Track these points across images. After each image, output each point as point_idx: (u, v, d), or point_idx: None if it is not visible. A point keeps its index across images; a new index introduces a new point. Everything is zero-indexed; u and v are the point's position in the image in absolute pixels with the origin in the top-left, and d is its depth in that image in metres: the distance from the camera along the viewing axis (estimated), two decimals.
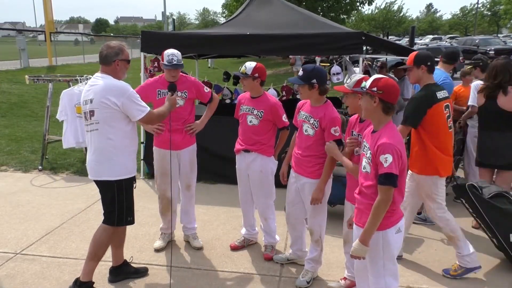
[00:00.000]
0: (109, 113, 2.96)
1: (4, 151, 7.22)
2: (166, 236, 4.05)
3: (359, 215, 2.54)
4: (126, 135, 3.07)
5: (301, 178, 3.34)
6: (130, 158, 3.14)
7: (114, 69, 3.05)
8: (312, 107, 3.27)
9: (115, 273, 3.44)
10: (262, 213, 3.84)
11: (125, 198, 3.12)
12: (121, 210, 3.12)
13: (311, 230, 3.42)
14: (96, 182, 3.16)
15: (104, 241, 3.19)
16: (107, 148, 3.02)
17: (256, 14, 6.61)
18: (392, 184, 2.30)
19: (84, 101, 3.07)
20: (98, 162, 3.07)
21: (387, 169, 2.28)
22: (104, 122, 2.99)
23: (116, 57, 3.03)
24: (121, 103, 2.95)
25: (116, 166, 3.06)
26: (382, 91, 2.36)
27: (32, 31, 60.27)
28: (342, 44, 5.20)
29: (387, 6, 55.47)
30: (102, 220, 3.21)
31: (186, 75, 3.91)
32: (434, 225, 4.54)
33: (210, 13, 79.64)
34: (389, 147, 2.30)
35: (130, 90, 3.00)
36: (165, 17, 27.77)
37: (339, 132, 3.15)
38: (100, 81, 3.01)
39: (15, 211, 4.87)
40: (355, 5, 26.65)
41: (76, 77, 6.63)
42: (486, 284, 3.48)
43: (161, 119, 3.28)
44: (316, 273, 3.53)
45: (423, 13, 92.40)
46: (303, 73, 3.18)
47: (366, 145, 2.50)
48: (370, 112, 2.44)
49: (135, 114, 3.02)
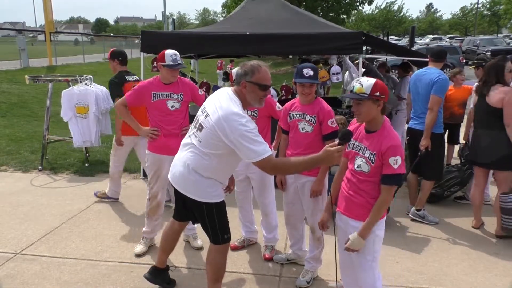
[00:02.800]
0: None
1: (4, 151, 7.22)
2: (148, 240, 4.00)
3: (351, 208, 2.61)
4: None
5: (302, 177, 3.33)
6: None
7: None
8: (304, 105, 3.29)
9: (155, 274, 3.35)
10: (264, 209, 3.84)
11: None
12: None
13: (313, 227, 3.41)
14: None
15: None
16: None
17: (255, 13, 6.61)
18: (398, 183, 2.46)
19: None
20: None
21: (397, 170, 2.41)
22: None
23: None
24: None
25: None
26: (384, 95, 2.44)
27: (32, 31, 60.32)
28: (342, 44, 5.21)
29: (387, 6, 55.52)
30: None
31: (180, 77, 3.88)
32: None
33: (210, 13, 79.75)
34: (398, 149, 2.42)
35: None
36: (165, 17, 27.74)
37: (335, 124, 3.23)
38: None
39: (15, 211, 4.87)
40: (355, 5, 26.66)
41: (76, 77, 6.63)
42: (486, 284, 3.48)
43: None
44: (316, 273, 3.53)
45: (423, 13, 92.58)
46: (314, 73, 3.19)
47: (360, 145, 2.55)
48: (372, 116, 2.48)
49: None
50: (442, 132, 4.65)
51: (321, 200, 3.32)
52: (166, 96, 3.69)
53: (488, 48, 22.96)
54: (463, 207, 5.09)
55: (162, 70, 3.67)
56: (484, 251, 3.99)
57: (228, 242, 3.00)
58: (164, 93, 3.69)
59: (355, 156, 2.58)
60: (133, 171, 6.33)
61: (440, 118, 4.49)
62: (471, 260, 3.84)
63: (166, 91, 3.70)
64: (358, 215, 2.56)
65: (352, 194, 2.59)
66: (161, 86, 3.70)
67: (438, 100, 4.33)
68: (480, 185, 4.44)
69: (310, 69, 3.20)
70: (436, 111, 4.35)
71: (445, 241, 4.20)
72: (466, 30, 65.75)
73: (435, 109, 4.34)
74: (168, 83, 3.72)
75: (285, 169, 2.76)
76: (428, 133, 4.38)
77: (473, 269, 3.69)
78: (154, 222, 3.96)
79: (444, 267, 3.70)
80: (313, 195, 3.28)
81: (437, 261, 3.82)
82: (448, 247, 4.08)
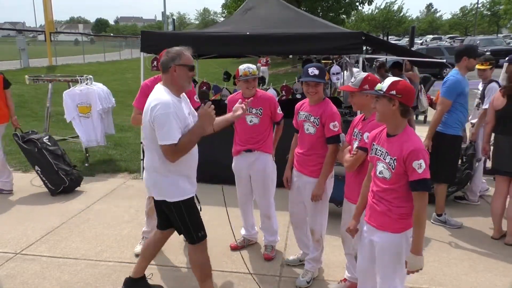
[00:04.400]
0: None
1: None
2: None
3: (375, 217, 2.49)
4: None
5: (303, 176, 3.34)
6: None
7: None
8: (311, 106, 3.29)
9: (129, 285, 3.23)
10: (265, 212, 3.84)
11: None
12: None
13: (312, 229, 3.42)
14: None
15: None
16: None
17: (255, 13, 6.62)
18: (427, 189, 2.30)
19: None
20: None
21: (423, 175, 2.26)
22: None
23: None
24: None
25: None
26: (401, 95, 2.31)
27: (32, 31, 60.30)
28: (342, 44, 5.20)
29: (387, 6, 55.55)
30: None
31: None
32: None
33: (210, 13, 79.76)
34: (422, 152, 2.28)
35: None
36: (165, 17, 27.76)
37: (338, 127, 3.18)
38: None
39: (15, 211, 4.87)
40: (354, 5, 26.66)
41: (76, 77, 6.63)
42: (486, 284, 3.48)
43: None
44: (316, 273, 3.53)
45: (423, 13, 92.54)
46: (319, 72, 3.17)
47: (382, 149, 2.45)
48: (388, 115, 2.38)
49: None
50: (458, 134, 4.40)
51: (321, 203, 3.31)
52: None
53: (488, 48, 22.95)
54: (463, 207, 5.09)
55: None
56: (484, 251, 3.99)
57: (204, 239, 2.96)
58: None
59: (377, 161, 2.48)
60: (133, 171, 6.33)
61: (455, 120, 4.33)
62: (471, 260, 3.84)
63: None
64: (380, 223, 2.44)
65: (375, 202, 2.48)
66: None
67: (443, 101, 4.29)
68: (503, 194, 4.22)
69: (315, 68, 3.18)
70: (439, 112, 4.30)
71: (445, 241, 4.20)
72: (466, 30, 65.75)
73: (438, 110, 4.31)
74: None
75: (182, 148, 2.70)
76: (430, 133, 4.34)
77: (473, 269, 3.69)
78: (154, 221, 3.94)
79: (444, 267, 3.70)
80: (313, 199, 3.27)
81: (437, 261, 3.82)
82: (448, 247, 4.08)
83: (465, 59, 4.29)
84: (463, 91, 4.28)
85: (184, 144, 2.68)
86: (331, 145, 3.19)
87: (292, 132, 3.58)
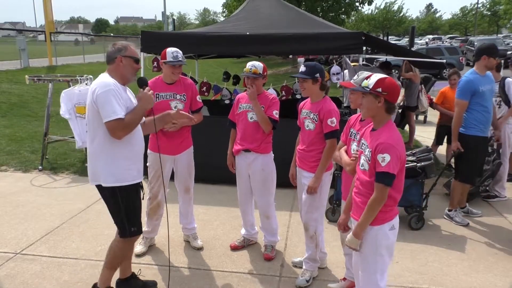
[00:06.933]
0: None
1: (4, 151, 7.22)
2: (148, 240, 3.99)
3: (356, 209, 2.58)
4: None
5: (303, 172, 3.41)
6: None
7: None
8: (312, 103, 3.37)
9: (121, 286, 3.25)
10: (264, 211, 3.84)
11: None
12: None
13: (306, 225, 3.43)
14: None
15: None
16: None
17: (255, 13, 6.62)
18: (387, 184, 2.33)
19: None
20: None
21: (384, 168, 2.31)
22: None
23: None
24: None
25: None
26: (387, 92, 2.37)
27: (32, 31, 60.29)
28: (342, 44, 5.21)
29: (387, 6, 55.51)
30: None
31: (183, 77, 3.85)
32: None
33: (210, 13, 79.78)
34: (388, 147, 2.32)
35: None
36: (165, 17, 27.78)
37: (335, 124, 3.24)
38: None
39: (15, 211, 4.87)
40: (354, 5, 26.66)
41: (76, 77, 6.63)
42: (486, 284, 3.48)
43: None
44: (316, 272, 3.53)
45: (423, 13, 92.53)
46: (306, 69, 3.26)
47: (365, 143, 2.52)
48: (373, 111, 2.44)
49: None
50: (480, 135, 4.36)
51: (317, 198, 3.34)
52: (169, 97, 3.69)
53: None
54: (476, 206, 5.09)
55: (164, 68, 3.68)
56: (484, 251, 4.00)
57: (136, 235, 2.92)
58: (167, 93, 3.69)
59: (361, 154, 2.57)
60: None
61: (473, 119, 4.31)
62: (471, 260, 3.84)
63: (169, 92, 3.70)
64: (359, 216, 2.50)
65: (356, 193, 2.56)
66: (164, 86, 3.70)
67: (457, 102, 4.31)
68: None
69: (304, 65, 3.30)
70: (457, 113, 4.31)
71: (445, 241, 4.20)
72: (466, 30, 65.75)
73: (456, 111, 4.33)
74: (171, 83, 3.71)
75: (128, 124, 2.74)
76: (454, 135, 4.37)
77: (473, 269, 3.69)
78: (155, 222, 3.96)
79: (444, 267, 3.71)
80: (308, 191, 3.30)
81: (437, 261, 3.83)
82: (448, 247, 4.08)
83: (484, 57, 4.29)
84: (478, 89, 4.26)
85: (129, 119, 2.74)
86: (329, 140, 3.25)
87: (294, 132, 3.60)
